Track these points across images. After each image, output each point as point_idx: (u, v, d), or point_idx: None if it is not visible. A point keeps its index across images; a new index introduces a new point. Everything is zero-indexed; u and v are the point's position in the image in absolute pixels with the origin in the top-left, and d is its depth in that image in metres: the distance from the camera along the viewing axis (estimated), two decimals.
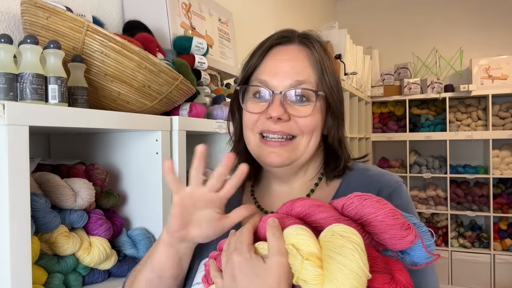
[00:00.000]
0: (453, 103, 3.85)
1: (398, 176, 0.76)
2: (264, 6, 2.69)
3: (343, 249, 0.45)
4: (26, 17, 0.91)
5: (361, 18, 4.36)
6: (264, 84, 0.71)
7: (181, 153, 1.12)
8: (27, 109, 0.71)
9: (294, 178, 0.78)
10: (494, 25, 3.88)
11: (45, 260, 0.87)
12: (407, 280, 0.49)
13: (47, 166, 1.05)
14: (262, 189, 0.82)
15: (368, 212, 0.52)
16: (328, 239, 0.48)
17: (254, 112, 0.72)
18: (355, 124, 3.42)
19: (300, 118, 0.70)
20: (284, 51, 0.73)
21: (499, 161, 3.62)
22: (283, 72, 0.71)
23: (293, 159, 0.71)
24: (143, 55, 0.93)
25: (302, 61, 0.72)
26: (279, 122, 0.69)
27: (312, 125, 0.71)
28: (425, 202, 3.85)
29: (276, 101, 0.69)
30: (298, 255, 0.48)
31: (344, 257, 0.45)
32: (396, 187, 0.72)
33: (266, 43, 0.74)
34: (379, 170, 0.77)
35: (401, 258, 0.55)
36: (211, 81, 1.49)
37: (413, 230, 0.52)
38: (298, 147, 0.71)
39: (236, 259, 0.55)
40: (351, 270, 0.44)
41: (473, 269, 3.61)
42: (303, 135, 0.71)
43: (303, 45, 0.73)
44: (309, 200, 0.58)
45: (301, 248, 0.49)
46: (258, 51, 0.74)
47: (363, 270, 0.44)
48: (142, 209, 1.11)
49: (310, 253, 0.48)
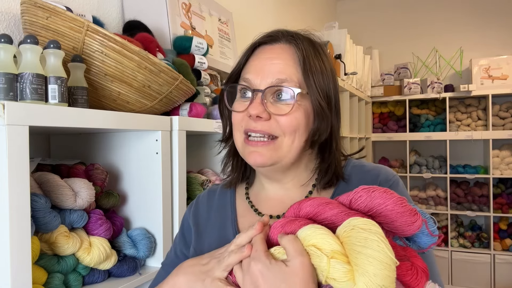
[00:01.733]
0: (453, 103, 3.85)
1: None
2: (264, 6, 2.69)
3: (368, 241, 0.45)
4: (26, 17, 0.91)
5: (361, 18, 4.36)
6: (248, 83, 0.71)
7: (181, 153, 1.12)
8: (27, 109, 0.71)
9: (285, 179, 0.76)
10: (494, 25, 3.88)
11: (45, 260, 0.87)
12: (424, 265, 0.51)
13: (47, 166, 1.05)
14: (257, 191, 0.81)
15: (378, 203, 0.53)
16: (349, 234, 0.48)
17: (239, 111, 0.72)
18: (355, 124, 3.42)
19: (280, 116, 0.69)
20: (269, 50, 0.73)
21: (499, 161, 3.62)
22: (266, 70, 0.70)
23: (275, 159, 0.70)
24: (143, 55, 0.93)
25: (286, 59, 0.70)
26: (259, 121, 0.69)
27: (293, 124, 0.69)
28: (425, 202, 3.85)
29: (256, 99, 0.69)
30: (322, 255, 0.48)
31: (371, 249, 0.45)
32: (394, 180, 0.73)
33: (252, 42, 0.75)
34: (375, 165, 0.77)
35: (408, 245, 0.56)
36: (211, 81, 1.49)
37: (420, 216, 0.53)
38: (280, 147, 0.70)
39: (256, 267, 0.53)
40: (381, 261, 0.44)
41: (473, 269, 3.61)
42: (284, 135, 0.69)
43: (288, 43, 0.72)
44: (317, 199, 0.58)
45: (323, 247, 0.48)
46: (245, 51, 0.75)
47: (391, 259, 0.44)
48: (142, 209, 1.11)
49: (334, 251, 0.47)
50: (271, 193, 0.79)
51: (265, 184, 0.79)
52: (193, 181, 1.29)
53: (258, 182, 0.81)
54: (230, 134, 0.78)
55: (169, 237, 1.10)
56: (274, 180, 0.77)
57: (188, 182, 1.25)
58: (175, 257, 0.83)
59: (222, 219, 0.80)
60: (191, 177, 1.29)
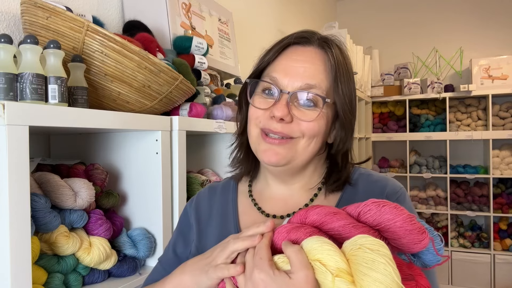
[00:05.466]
0: (453, 103, 3.85)
1: (398, 178, 0.76)
2: (264, 6, 2.69)
3: (375, 263, 0.45)
4: (26, 17, 0.91)
5: (361, 18, 4.36)
6: (274, 82, 0.70)
7: (181, 153, 1.12)
8: (27, 109, 0.71)
9: (293, 180, 0.76)
10: (494, 25, 3.88)
11: (45, 260, 0.87)
12: (427, 284, 0.50)
13: (47, 166, 1.05)
14: (261, 189, 0.81)
15: (387, 219, 0.53)
16: (356, 253, 0.47)
17: (260, 108, 0.71)
18: (355, 124, 3.41)
19: (303, 121, 0.69)
20: (300, 52, 0.71)
21: (499, 161, 3.61)
22: (295, 73, 0.69)
23: (289, 159, 0.70)
24: (143, 55, 0.93)
25: (317, 64, 0.70)
26: (281, 123, 0.68)
27: (315, 130, 0.69)
28: (425, 202, 3.85)
29: (282, 100, 0.68)
30: (327, 272, 0.47)
31: (378, 272, 0.44)
32: (401, 193, 0.73)
33: (285, 40, 0.73)
34: (381, 175, 0.76)
35: (413, 261, 0.56)
36: (211, 81, 1.49)
37: (427, 234, 0.53)
38: (296, 147, 0.70)
39: (259, 276, 0.53)
40: (387, 285, 0.44)
41: (473, 269, 3.61)
42: (303, 137, 0.70)
43: (321, 48, 0.72)
44: (325, 207, 0.57)
45: (328, 264, 0.48)
46: (275, 47, 0.73)
47: (398, 284, 0.44)
48: (142, 209, 1.11)
49: (339, 269, 0.47)
50: (275, 192, 0.78)
51: (271, 183, 0.79)
52: (193, 181, 1.29)
53: (263, 180, 0.81)
54: (245, 128, 0.78)
55: (169, 237, 1.10)
56: (282, 181, 0.77)
57: (188, 182, 1.25)
58: (173, 255, 0.82)
59: (224, 216, 0.79)
60: (191, 177, 1.29)
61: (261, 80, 0.73)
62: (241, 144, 0.80)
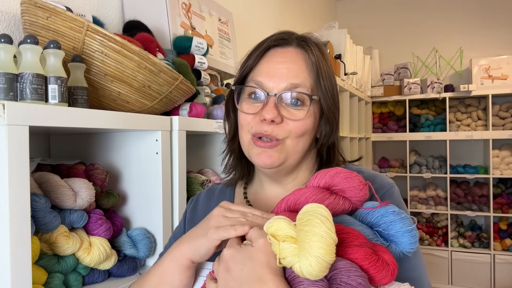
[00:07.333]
0: (453, 103, 3.85)
1: (392, 178, 0.77)
2: (264, 6, 2.69)
3: (310, 220, 0.49)
4: (26, 17, 0.91)
5: (361, 18, 4.36)
6: (260, 86, 0.71)
7: (181, 153, 1.12)
8: (27, 109, 0.71)
9: (286, 180, 0.78)
10: (494, 25, 3.88)
11: (45, 260, 0.87)
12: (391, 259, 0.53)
13: (47, 166, 1.05)
14: (255, 191, 0.82)
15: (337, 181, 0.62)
16: (300, 217, 0.52)
17: (249, 113, 0.72)
18: (355, 124, 3.42)
19: (292, 121, 0.70)
20: (281, 53, 0.73)
21: (499, 161, 3.62)
22: (279, 74, 0.71)
23: (283, 159, 0.71)
24: (143, 55, 0.93)
25: (299, 64, 0.72)
26: (272, 124, 0.70)
27: (302, 129, 0.71)
28: (425, 202, 3.85)
29: (270, 103, 0.69)
30: (276, 241, 0.52)
31: (310, 226, 0.49)
32: (389, 188, 0.74)
33: (264, 44, 0.74)
34: (372, 172, 0.77)
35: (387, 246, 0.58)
36: (211, 81, 1.49)
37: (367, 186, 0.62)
38: (286, 148, 0.71)
39: (227, 252, 0.56)
40: (316, 234, 0.48)
41: (473, 269, 3.61)
42: (290, 137, 0.71)
43: (300, 47, 0.73)
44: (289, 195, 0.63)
45: (278, 234, 0.53)
46: (256, 52, 0.74)
47: (328, 233, 0.47)
48: (142, 209, 1.11)
49: (285, 236, 0.52)
50: (270, 193, 0.79)
51: (265, 184, 0.80)
52: (193, 181, 1.29)
53: (258, 182, 0.82)
54: (235, 134, 0.79)
55: (169, 237, 1.10)
56: (276, 181, 0.78)
57: (188, 182, 1.25)
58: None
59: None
60: (191, 177, 1.29)
61: (247, 86, 0.74)
62: (232, 150, 0.82)
